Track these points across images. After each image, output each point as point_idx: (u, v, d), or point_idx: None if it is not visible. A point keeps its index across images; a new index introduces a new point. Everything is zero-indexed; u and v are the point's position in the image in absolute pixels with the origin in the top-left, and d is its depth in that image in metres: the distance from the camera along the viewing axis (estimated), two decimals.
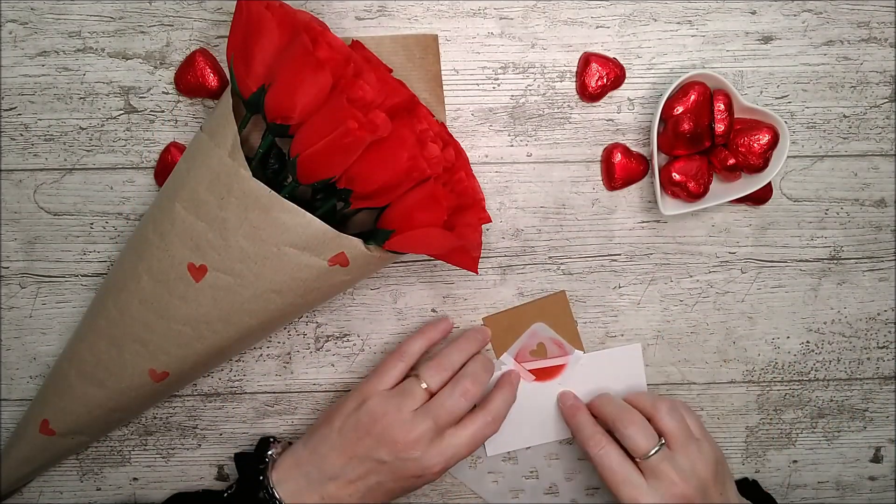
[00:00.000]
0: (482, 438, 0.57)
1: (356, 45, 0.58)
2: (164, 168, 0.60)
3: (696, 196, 0.59)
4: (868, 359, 0.66)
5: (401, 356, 0.59)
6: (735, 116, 0.59)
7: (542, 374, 0.64)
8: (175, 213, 0.52)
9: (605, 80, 0.60)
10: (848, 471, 0.68)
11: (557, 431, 0.65)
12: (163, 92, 0.60)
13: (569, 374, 0.64)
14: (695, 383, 0.66)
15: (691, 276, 0.64)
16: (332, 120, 0.49)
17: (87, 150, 0.61)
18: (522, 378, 0.64)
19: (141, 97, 0.60)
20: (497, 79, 0.61)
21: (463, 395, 0.56)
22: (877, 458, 0.68)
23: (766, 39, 0.61)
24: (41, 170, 0.61)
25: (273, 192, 0.51)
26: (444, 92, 0.61)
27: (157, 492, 0.66)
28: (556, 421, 0.65)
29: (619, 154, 0.61)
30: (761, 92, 0.62)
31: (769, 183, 0.61)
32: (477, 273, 0.57)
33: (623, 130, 0.62)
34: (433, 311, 0.64)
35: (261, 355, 0.64)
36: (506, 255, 0.63)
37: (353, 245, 0.52)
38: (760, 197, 0.62)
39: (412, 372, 0.59)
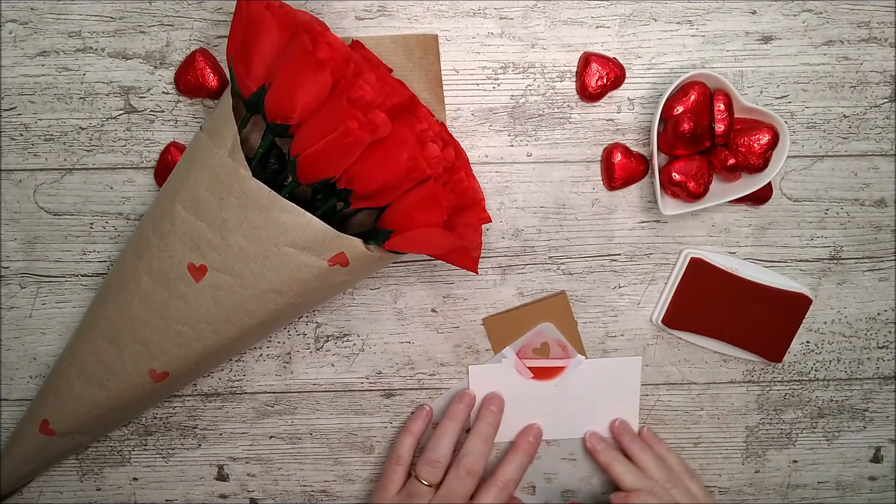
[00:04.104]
0: None
1: (356, 45, 0.58)
2: (164, 168, 0.60)
3: (696, 196, 0.59)
4: (868, 359, 0.66)
5: (396, 461, 0.61)
6: (735, 116, 0.59)
7: (541, 374, 0.64)
8: (175, 213, 0.52)
9: (605, 80, 0.60)
10: (848, 471, 0.68)
11: (546, 431, 0.65)
12: (163, 92, 0.60)
13: (567, 377, 0.64)
14: (695, 383, 0.66)
15: None
16: (332, 120, 0.49)
17: (87, 150, 0.61)
18: (521, 374, 0.64)
19: (141, 97, 0.60)
20: (497, 79, 0.61)
21: (468, 475, 0.59)
22: (877, 458, 0.68)
23: (766, 39, 0.61)
24: (41, 170, 0.61)
25: (273, 192, 0.51)
26: (444, 92, 0.61)
27: (157, 492, 0.66)
28: (545, 421, 0.65)
29: (619, 154, 0.61)
30: (761, 92, 0.62)
31: (769, 183, 0.61)
32: (477, 273, 0.57)
33: (623, 130, 0.62)
34: (433, 310, 0.64)
35: (261, 355, 0.64)
36: (506, 255, 0.63)
37: (353, 245, 0.52)
38: (760, 197, 0.62)
39: (412, 470, 0.61)
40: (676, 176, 0.59)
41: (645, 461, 0.62)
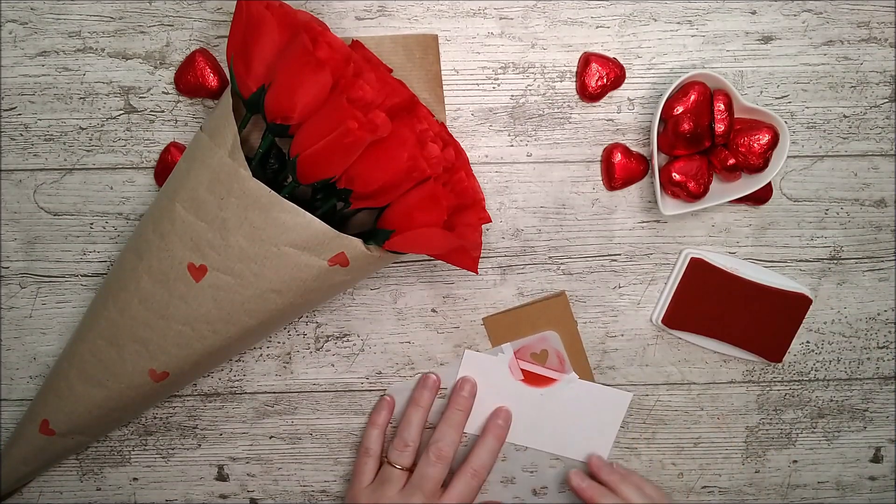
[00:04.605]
0: (471, 492, 0.60)
1: (356, 45, 0.58)
2: (164, 168, 0.60)
3: (696, 196, 0.59)
4: (868, 359, 0.66)
5: (366, 453, 0.62)
6: (735, 116, 0.59)
7: (531, 379, 0.64)
8: (175, 213, 0.52)
9: (605, 80, 0.60)
10: (848, 471, 0.68)
11: (517, 435, 0.65)
12: (163, 92, 0.60)
13: (555, 390, 0.64)
14: (695, 383, 0.66)
15: None
16: (332, 120, 0.49)
17: (87, 150, 0.61)
18: (512, 374, 0.64)
19: (141, 97, 0.60)
20: (497, 79, 0.61)
21: (439, 460, 0.60)
22: (877, 458, 0.68)
23: (766, 39, 0.61)
24: (41, 170, 0.61)
25: (273, 192, 0.51)
26: (444, 92, 0.61)
27: (157, 492, 0.66)
28: (520, 425, 0.65)
29: (619, 154, 0.61)
30: (761, 92, 0.62)
31: (769, 183, 0.61)
32: (477, 273, 0.57)
33: (623, 130, 0.62)
34: (433, 310, 0.64)
35: (261, 355, 0.64)
36: (506, 255, 0.63)
37: (353, 245, 0.52)
38: (760, 197, 0.62)
39: (384, 458, 0.62)
40: (676, 176, 0.59)
41: (627, 493, 0.62)
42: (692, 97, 0.58)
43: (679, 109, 0.58)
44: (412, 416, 0.62)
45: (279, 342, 0.64)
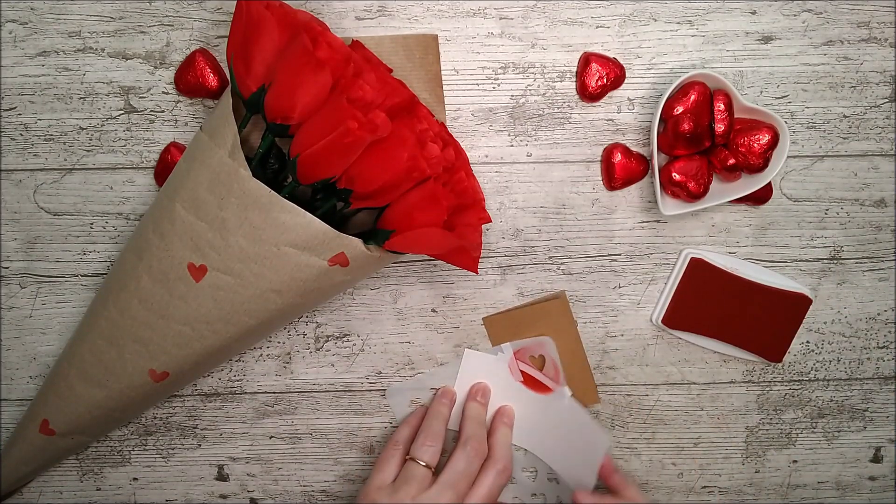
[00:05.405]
0: (500, 488, 0.59)
1: (356, 45, 0.58)
2: (164, 168, 0.60)
3: (696, 196, 0.59)
4: (868, 359, 0.66)
5: (395, 445, 0.60)
6: (735, 116, 0.59)
7: (529, 381, 0.64)
8: (175, 213, 0.53)
9: (605, 80, 0.60)
10: (848, 471, 0.68)
11: (517, 435, 0.65)
12: (163, 92, 0.60)
13: (549, 400, 0.64)
14: (695, 383, 0.66)
15: None
16: (332, 120, 0.49)
17: (87, 150, 0.61)
18: (511, 373, 0.64)
19: (141, 97, 0.60)
20: (497, 79, 0.61)
21: (477, 455, 0.59)
22: (877, 458, 0.68)
23: (766, 39, 0.61)
24: (41, 170, 0.61)
25: (273, 192, 0.51)
26: (444, 92, 0.61)
27: (157, 492, 0.66)
28: (519, 423, 0.64)
29: (619, 154, 0.61)
30: (761, 92, 0.62)
31: (769, 183, 0.61)
32: (477, 273, 0.57)
33: (623, 130, 0.62)
34: (433, 310, 0.64)
35: (261, 355, 0.64)
36: (506, 255, 0.63)
37: (353, 245, 0.52)
38: (760, 197, 0.62)
39: (406, 457, 0.59)
40: (676, 176, 0.59)
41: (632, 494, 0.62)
42: (692, 97, 0.58)
43: (679, 109, 0.58)
44: (435, 420, 0.61)
45: (279, 342, 0.64)
